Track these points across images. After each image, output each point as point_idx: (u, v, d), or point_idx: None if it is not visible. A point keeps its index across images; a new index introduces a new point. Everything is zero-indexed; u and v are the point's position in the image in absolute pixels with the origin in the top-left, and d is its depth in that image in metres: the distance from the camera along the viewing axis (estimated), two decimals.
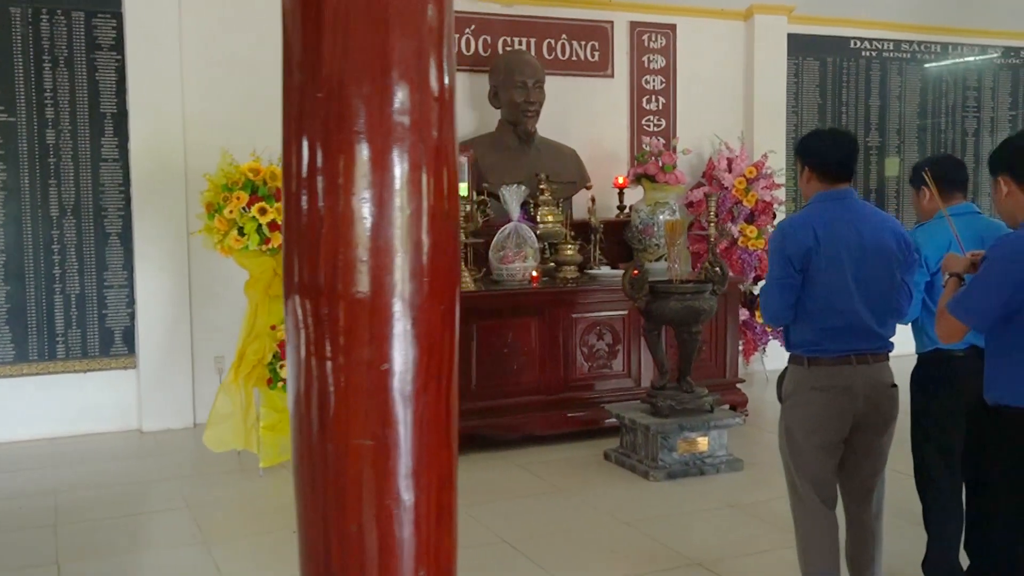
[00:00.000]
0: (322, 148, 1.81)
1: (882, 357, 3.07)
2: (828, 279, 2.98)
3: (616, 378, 5.67)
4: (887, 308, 3.06)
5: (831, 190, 3.07)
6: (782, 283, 3.03)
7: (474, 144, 6.32)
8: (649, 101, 7.18)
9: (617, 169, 6.96)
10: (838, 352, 3.00)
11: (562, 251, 5.86)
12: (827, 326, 3.00)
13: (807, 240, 2.98)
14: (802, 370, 3.06)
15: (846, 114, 7.84)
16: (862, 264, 2.99)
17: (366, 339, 1.80)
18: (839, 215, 3.03)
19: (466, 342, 5.28)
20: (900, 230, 3.11)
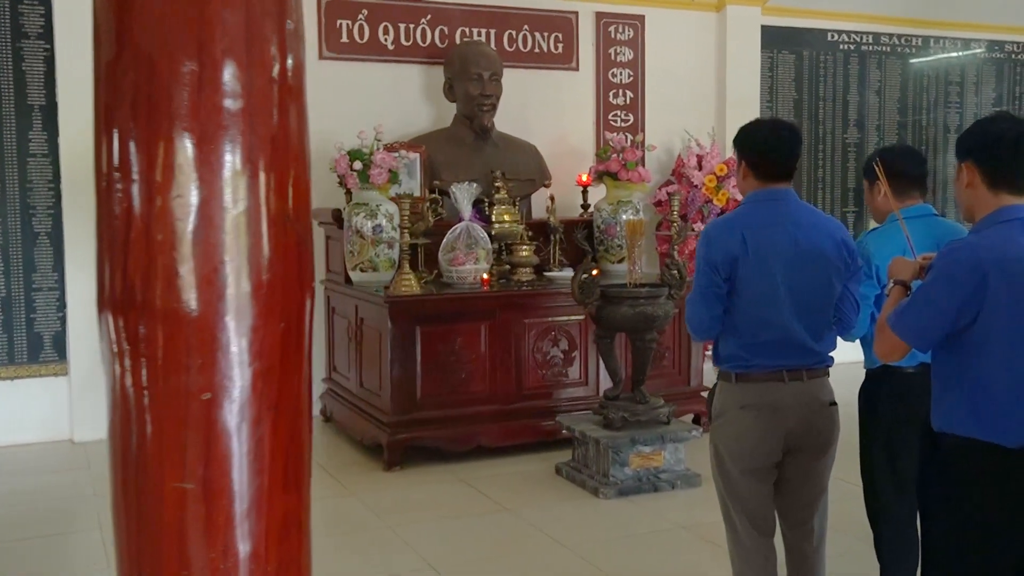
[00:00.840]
0: (134, 137, 1.51)
1: (819, 373, 2.80)
2: (756, 289, 2.72)
3: (572, 386, 5.38)
4: (823, 321, 2.80)
5: (767, 189, 2.80)
6: (706, 293, 2.77)
7: (428, 140, 6.02)
8: (616, 95, 6.89)
9: (583, 166, 6.65)
10: (768, 368, 2.75)
11: (517, 252, 5.57)
12: (756, 340, 2.75)
13: (733, 246, 2.72)
14: (730, 387, 2.81)
15: (823, 109, 7.55)
16: (795, 273, 2.72)
17: (186, 363, 1.50)
18: (773, 218, 2.76)
19: (409, 348, 4.99)
20: (842, 235, 2.83)
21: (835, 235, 2.80)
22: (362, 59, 6.17)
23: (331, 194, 5.70)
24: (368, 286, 5.32)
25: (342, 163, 5.33)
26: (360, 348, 5.42)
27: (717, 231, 2.81)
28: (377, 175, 5.29)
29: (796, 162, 2.86)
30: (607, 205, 6.02)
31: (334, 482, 4.84)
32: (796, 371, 2.75)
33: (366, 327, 5.32)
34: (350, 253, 5.41)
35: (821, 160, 7.54)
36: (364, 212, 5.35)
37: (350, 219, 5.38)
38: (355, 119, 5.59)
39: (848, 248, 2.80)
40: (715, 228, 2.84)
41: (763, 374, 2.75)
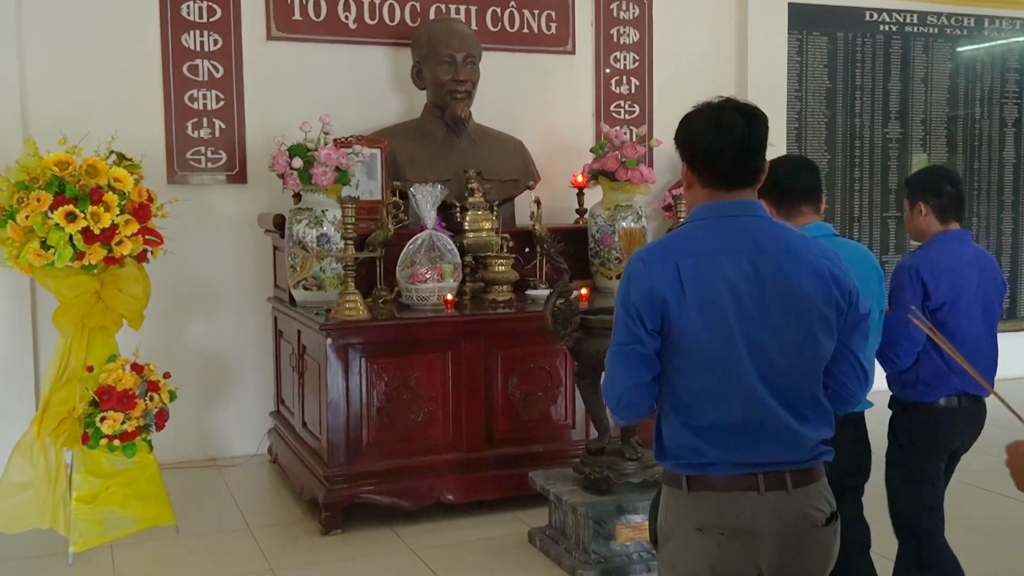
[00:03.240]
0: None
1: (810, 475, 2.04)
2: (702, 346, 1.96)
3: (555, 430, 4.46)
4: (807, 392, 2.03)
5: (716, 201, 2.05)
6: (626, 352, 2.01)
7: (392, 133, 5.13)
8: (619, 83, 5.96)
9: (579, 166, 5.74)
10: (733, 468, 1.99)
11: (492, 267, 4.66)
12: (711, 421, 1.98)
13: (662, 282, 1.96)
14: (680, 497, 2.04)
15: (860, 100, 6.56)
16: (760, 321, 1.97)
17: None
18: (724, 242, 2.00)
19: (353, 385, 4.10)
20: (831, 267, 2.04)
21: (820, 267, 2.02)
22: (318, 40, 5.29)
23: (285, 196, 4.83)
24: (312, 307, 4.45)
25: (281, 160, 4.46)
26: (302, 380, 4.54)
27: (640, 261, 2.02)
28: (321, 174, 4.40)
29: (760, 162, 2.07)
30: (603, 210, 5.10)
31: (255, 550, 3.95)
32: (775, 473, 1.99)
33: (308, 357, 4.44)
34: (291, 268, 4.54)
35: (857, 159, 6.56)
36: (307, 219, 4.47)
37: (291, 227, 4.50)
38: (308, 111, 4.71)
39: (840, 286, 2.03)
40: (639, 258, 2.04)
41: (727, 478, 1.98)
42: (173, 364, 4.42)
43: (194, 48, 5.05)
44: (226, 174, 5.15)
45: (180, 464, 5.02)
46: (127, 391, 3.78)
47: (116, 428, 3.75)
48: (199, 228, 5.07)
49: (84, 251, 3.67)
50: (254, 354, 5.26)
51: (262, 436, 5.22)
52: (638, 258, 2.04)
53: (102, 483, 3.83)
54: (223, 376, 5.22)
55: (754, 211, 2.06)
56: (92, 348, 3.84)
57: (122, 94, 4.94)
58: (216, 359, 5.20)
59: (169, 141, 5.04)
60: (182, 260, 4.84)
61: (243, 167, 5.16)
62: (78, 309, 3.79)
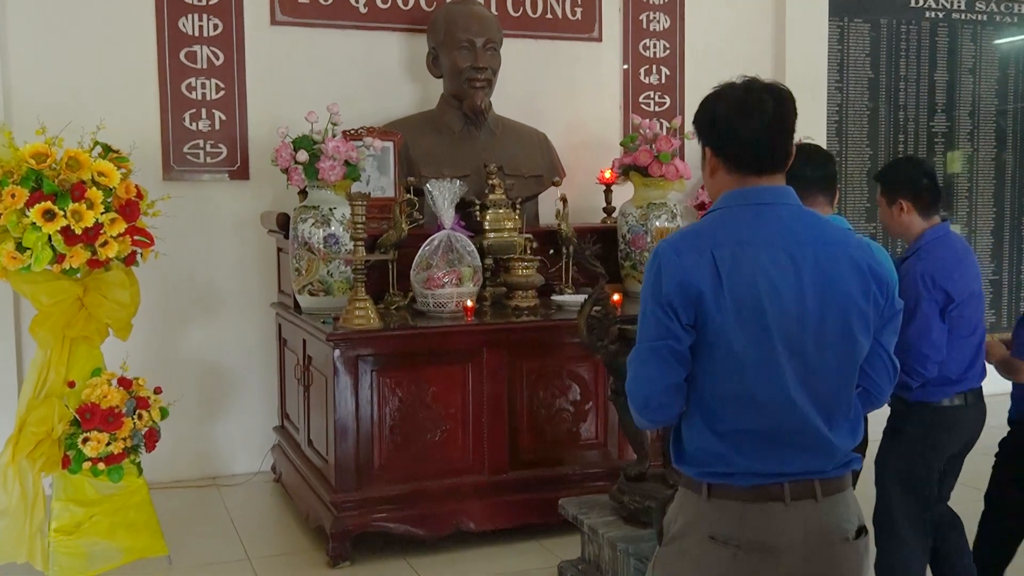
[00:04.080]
0: None
1: (840, 484, 1.93)
2: (737, 345, 1.84)
3: (586, 449, 4.06)
4: (844, 399, 1.93)
5: (748, 188, 1.94)
6: (657, 349, 1.88)
7: (405, 125, 4.74)
8: (649, 73, 5.55)
9: (606, 161, 5.34)
10: (759, 477, 1.87)
11: (516, 270, 4.26)
12: (739, 427, 1.88)
13: (698, 273, 1.85)
14: (697, 502, 1.92)
15: (904, 91, 6.14)
16: (800, 321, 1.86)
17: None
18: (759, 233, 1.88)
19: (363, 400, 3.70)
20: (868, 260, 1.94)
21: (859, 260, 1.92)
22: (326, 25, 4.90)
23: (291, 194, 4.46)
24: (319, 314, 4.06)
25: (284, 154, 4.07)
26: (308, 394, 4.15)
27: (675, 252, 1.89)
28: (328, 169, 4.01)
29: (790, 145, 1.97)
30: (634, 209, 4.69)
31: None
32: (805, 482, 1.88)
33: (314, 369, 4.05)
34: (296, 271, 4.15)
35: (902, 153, 6.14)
36: (313, 218, 4.08)
37: (295, 227, 4.11)
38: (315, 102, 4.31)
39: (879, 280, 1.93)
40: (671, 247, 1.91)
41: (751, 489, 1.86)
42: (167, 375, 4.07)
43: (192, 33, 4.66)
44: (226, 170, 4.76)
45: (175, 483, 4.64)
46: (113, 409, 3.40)
47: (100, 450, 3.37)
48: (197, 228, 4.69)
49: (64, 253, 3.29)
50: (256, 364, 4.87)
51: (265, 453, 4.83)
52: (669, 247, 1.89)
53: (85, 511, 3.44)
54: (223, 388, 4.84)
55: (788, 198, 1.94)
56: (74, 361, 3.45)
57: (114, 83, 4.56)
58: (215, 369, 4.81)
59: (165, 134, 4.65)
60: (178, 263, 4.47)
61: (245, 162, 4.77)
62: (58, 318, 3.41)
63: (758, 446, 1.87)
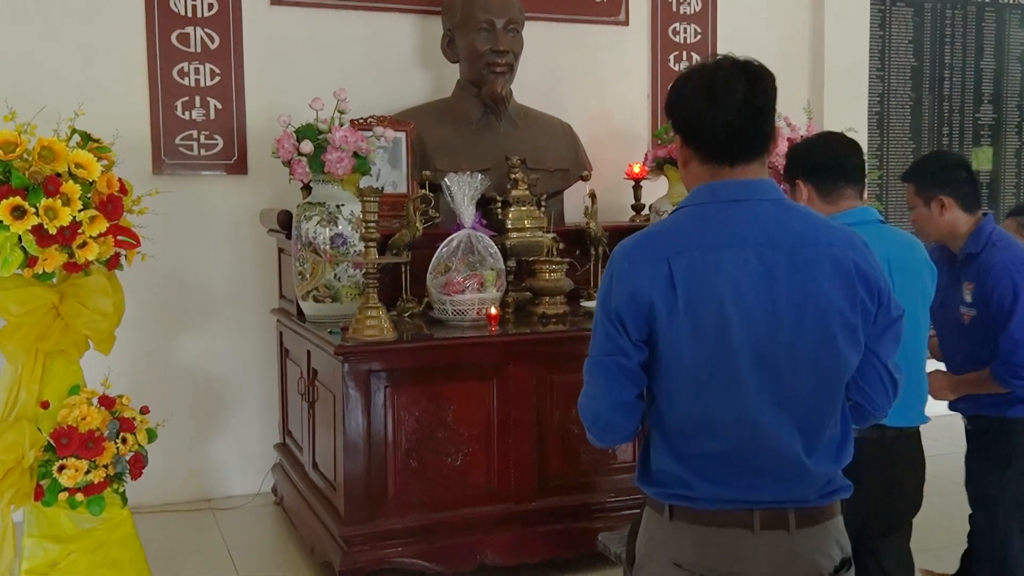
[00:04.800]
0: None
1: (820, 514, 1.77)
2: (694, 363, 1.69)
3: (622, 473, 3.65)
4: (822, 417, 1.74)
5: (718, 182, 1.77)
6: (604, 365, 1.75)
7: (418, 115, 4.33)
8: (679, 60, 5.15)
9: (634, 154, 4.95)
10: (724, 502, 1.73)
11: (542, 274, 3.85)
12: (700, 451, 1.73)
13: (650, 283, 1.70)
14: (661, 523, 1.80)
15: (949, 80, 5.74)
16: (770, 331, 1.69)
17: None
18: (724, 234, 1.71)
19: (375, 421, 3.30)
20: (860, 261, 1.75)
21: (843, 261, 1.73)
22: (331, 5, 4.50)
23: (293, 190, 4.06)
24: (324, 322, 3.66)
25: (287, 144, 3.66)
26: (313, 412, 3.74)
27: (624, 257, 1.76)
28: (336, 161, 3.60)
29: (769, 127, 1.78)
30: (670, 206, 4.28)
31: None
32: (777, 511, 1.74)
33: (320, 384, 3.64)
34: (300, 275, 3.74)
35: (946, 145, 5.74)
36: (319, 216, 3.67)
37: (299, 226, 3.70)
38: (320, 89, 3.89)
39: (869, 285, 1.74)
40: (623, 252, 1.78)
41: (715, 513, 1.74)
42: (156, 391, 3.69)
43: (185, 13, 4.25)
44: (222, 163, 4.35)
45: (166, 507, 4.24)
46: (93, 432, 2.98)
47: (79, 479, 2.95)
48: (189, 227, 4.29)
49: (37, 256, 2.87)
50: (255, 376, 4.46)
51: (265, 473, 4.42)
52: (622, 253, 1.76)
53: (61, 549, 3.02)
54: (218, 402, 4.43)
55: (763, 192, 1.76)
56: (48, 378, 3.03)
57: (96, 65, 4.16)
58: (210, 382, 4.40)
59: (155, 124, 4.24)
60: (168, 266, 4.07)
61: (243, 155, 4.36)
62: (30, 329, 2.98)
63: (722, 472, 1.72)
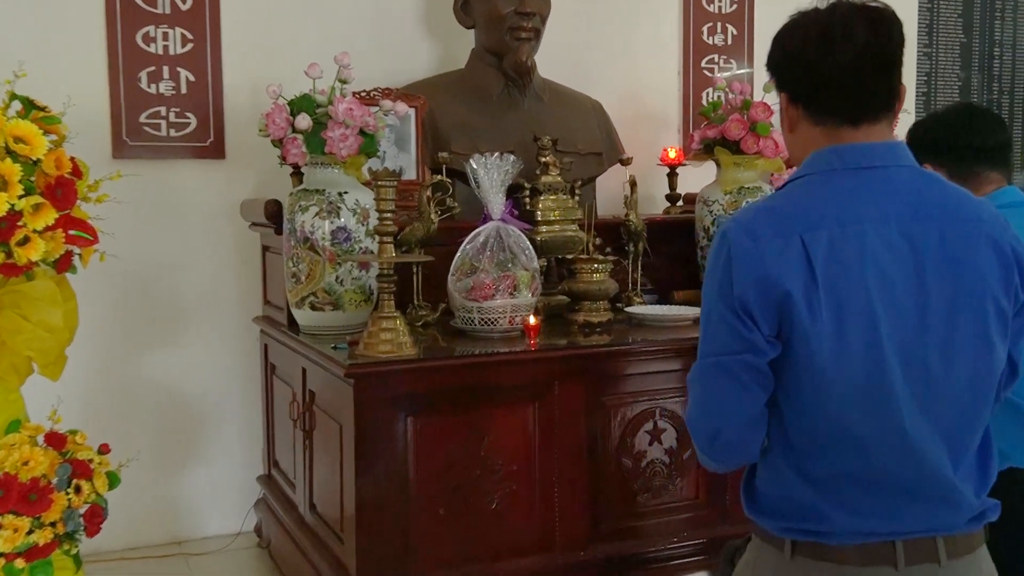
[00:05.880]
0: None
1: (970, 542, 1.51)
2: (838, 364, 1.41)
3: (685, 510, 3.05)
4: (976, 425, 1.49)
5: (843, 145, 1.52)
6: (729, 366, 1.46)
7: (429, 89, 3.69)
8: (712, 32, 4.56)
9: (663, 137, 4.37)
10: (862, 536, 1.46)
11: (583, 275, 3.24)
12: (837, 472, 1.46)
13: (786, 268, 1.42)
14: (779, 562, 1.51)
15: (1000, 57, 5.22)
16: (919, 323, 1.43)
17: None
18: (866, 208, 1.46)
19: (392, 457, 2.67)
20: (1015, 243, 1.50)
21: (1001, 241, 1.49)
22: None
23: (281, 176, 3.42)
24: (324, 335, 3.03)
25: (278, 119, 3.01)
26: (309, 442, 3.10)
27: (746, 233, 1.46)
28: (340, 140, 2.96)
29: (897, 81, 1.54)
30: (721, 195, 3.68)
31: None
32: (924, 541, 1.47)
33: (320, 409, 3.00)
34: (293, 277, 3.09)
35: None
36: (317, 206, 3.03)
37: (292, 218, 3.06)
38: (307, 58, 3.22)
39: (1022, 266, 1.49)
40: (741, 227, 1.48)
41: (852, 549, 1.46)
42: (119, 419, 3.10)
43: None
44: (196, 145, 3.68)
45: (130, 553, 3.59)
46: (38, 481, 2.35)
47: (19, 541, 2.31)
48: (157, 221, 3.63)
49: None
50: (235, 397, 3.80)
51: (247, 510, 3.76)
52: (741, 228, 1.49)
53: None
54: (192, 428, 3.76)
55: (899, 157, 1.54)
56: None
57: (44, 25, 3.47)
58: (181, 405, 3.73)
59: (115, 99, 3.57)
60: (132, 267, 3.42)
61: (220, 135, 3.70)
62: None
63: (862, 497, 1.47)
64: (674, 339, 3.04)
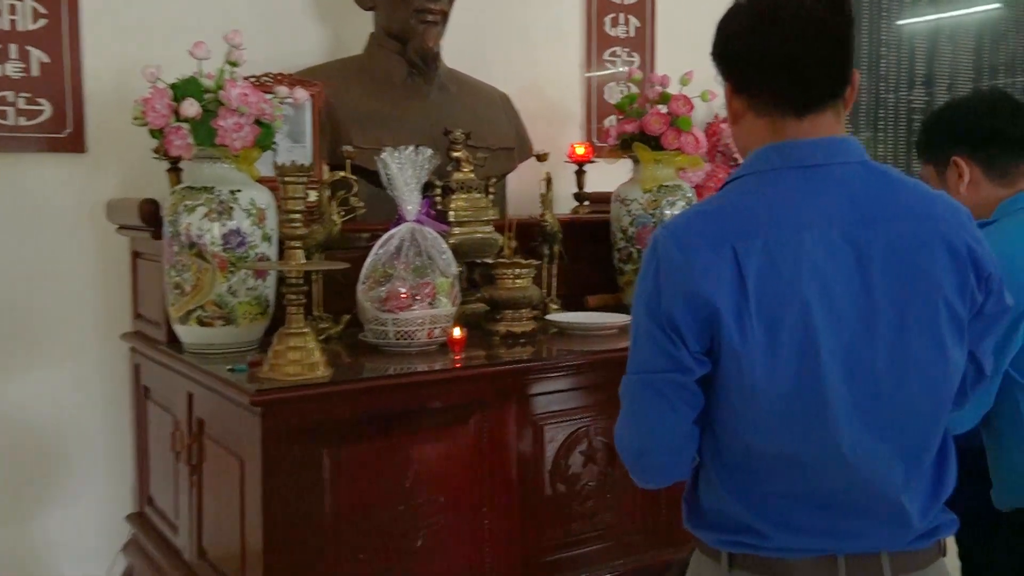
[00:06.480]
0: None
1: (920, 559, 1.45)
2: (771, 383, 1.36)
3: (622, 535, 2.81)
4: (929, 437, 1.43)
5: (788, 142, 1.44)
6: (656, 384, 1.42)
7: (325, 75, 3.32)
8: (616, 23, 4.36)
9: (566, 132, 4.14)
10: (803, 552, 1.43)
11: (504, 281, 2.96)
12: (773, 490, 1.42)
13: (715, 282, 1.35)
14: (714, 571, 1.49)
15: (886, 57, 5.25)
16: (868, 333, 1.37)
17: None
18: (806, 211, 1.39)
19: (308, 496, 2.31)
20: (972, 242, 1.42)
21: (956, 243, 1.40)
22: None
23: (152, 172, 2.98)
24: (214, 353, 2.64)
25: (159, 106, 2.59)
26: (198, 477, 2.69)
27: (675, 243, 1.40)
28: (234, 130, 2.58)
29: (847, 63, 1.44)
30: (640, 193, 3.47)
31: None
32: (868, 558, 1.43)
33: (212, 441, 2.60)
34: (177, 288, 2.68)
35: (881, 128, 5.24)
36: (206, 206, 2.62)
37: (176, 220, 2.64)
38: (182, 40, 2.80)
39: (979, 270, 1.42)
40: (672, 237, 1.42)
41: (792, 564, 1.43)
42: None
43: None
44: (51, 136, 3.18)
45: None
46: None
47: None
48: (2, 223, 3.12)
49: None
50: (98, 425, 3.30)
51: (113, 554, 3.29)
52: (671, 238, 1.40)
53: None
54: (46, 461, 3.24)
55: (847, 153, 1.44)
56: None
57: None
58: (33, 435, 3.21)
59: None
60: None
61: (79, 125, 3.20)
62: None
63: (801, 515, 1.42)
64: (605, 350, 2.80)
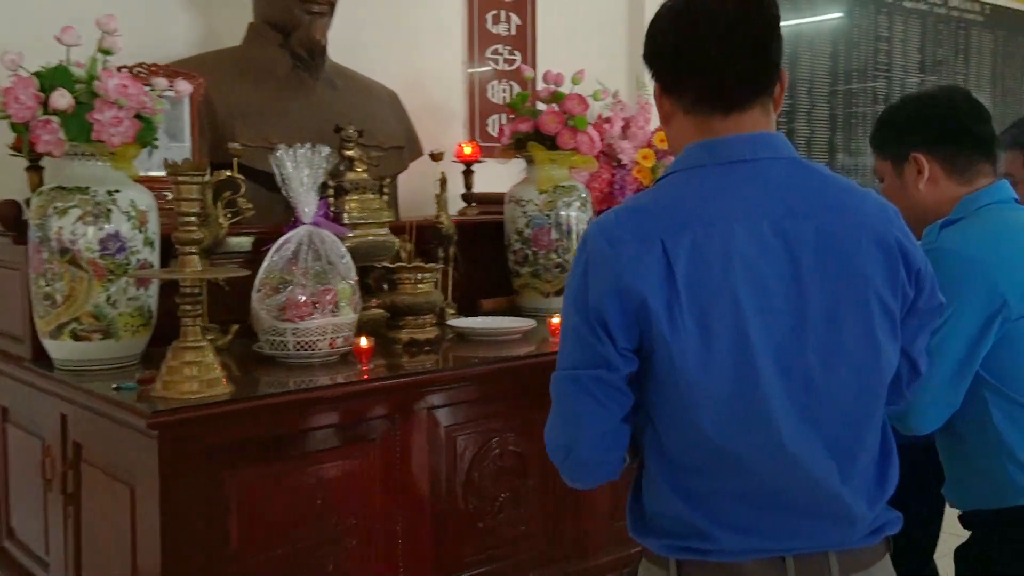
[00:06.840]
0: None
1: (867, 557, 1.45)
2: (703, 378, 1.34)
3: (538, 547, 2.73)
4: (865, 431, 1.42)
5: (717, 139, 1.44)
6: (582, 380, 1.39)
7: (199, 67, 3.08)
8: (497, 21, 4.27)
9: (450, 131, 4.03)
10: (750, 553, 1.41)
11: (406, 286, 2.83)
12: (716, 488, 1.40)
13: (644, 275, 1.34)
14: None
15: None
16: (799, 327, 1.36)
17: None
18: (734, 205, 1.38)
19: (213, 527, 2.12)
20: (901, 236, 1.42)
21: (886, 236, 1.41)
22: None
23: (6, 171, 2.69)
24: (90, 370, 2.39)
25: (24, 97, 2.32)
26: (75, 508, 2.43)
27: (604, 238, 1.39)
28: (112, 124, 2.34)
29: (775, 58, 1.45)
30: (536, 194, 3.38)
31: None
32: (815, 556, 1.41)
33: (91, 465, 2.35)
34: (47, 300, 2.41)
35: None
36: (80, 208, 2.37)
37: (44, 224, 2.38)
38: (40, 28, 2.53)
39: (909, 264, 1.41)
40: (601, 232, 1.41)
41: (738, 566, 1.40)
42: None
43: None
44: None
45: None
46: None
47: None
48: None
49: None
50: None
51: None
52: (600, 234, 1.40)
53: None
54: None
55: (776, 149, 1.44)
56: None
57: None
58: None
59: None
60: None
61: None
62: None
63: (746, 514, 1.39)
64: (512, 356, 2.72)
